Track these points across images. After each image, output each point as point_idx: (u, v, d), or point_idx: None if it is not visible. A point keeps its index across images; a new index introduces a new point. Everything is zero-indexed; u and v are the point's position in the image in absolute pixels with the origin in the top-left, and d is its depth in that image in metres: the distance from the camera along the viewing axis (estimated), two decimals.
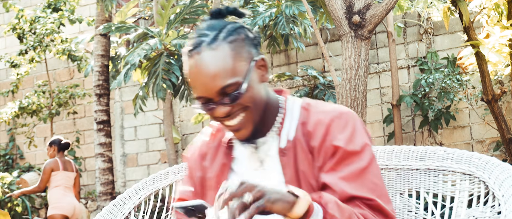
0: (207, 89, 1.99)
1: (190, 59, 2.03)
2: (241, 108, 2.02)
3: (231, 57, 1.99)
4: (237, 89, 1.98)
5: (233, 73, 1.98)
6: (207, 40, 2.01)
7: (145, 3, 13.40)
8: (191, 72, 2.02)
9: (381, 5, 5.63)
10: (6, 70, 14.22)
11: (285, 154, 2.10)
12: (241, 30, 2.06)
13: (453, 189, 2.26)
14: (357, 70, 5.66)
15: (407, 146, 2.39)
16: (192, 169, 2.32)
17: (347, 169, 2.01)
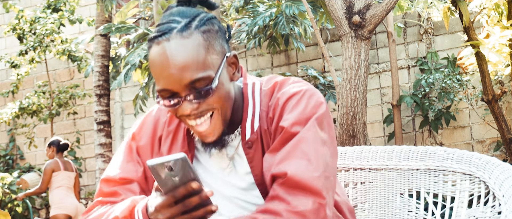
0: (174, 81, 1.77)
1: (156, 46, 1.79)
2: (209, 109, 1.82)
3: (204, 48, 1.79)
4: (207, 84, 1.78)
5: (205, 67, 1.77)
6: (179, 27, 1.79)
7: (145, 3, 13.40)
8: (156, 61, 1.78)
9: (381, 5, 5.63)
10: (6, 70, 14.22)
11: (251, 146, 1.91)
12: (215, 20, 1.87)
13: (454, 189, 2.26)
14: (357, 71, 5.67)
15: (407, 146, 2.39)
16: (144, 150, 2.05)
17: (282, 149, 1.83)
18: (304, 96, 1.89)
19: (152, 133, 2.06)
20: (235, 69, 1.91)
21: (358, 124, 5.76)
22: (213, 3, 1.96)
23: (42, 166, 13.43)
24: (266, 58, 11.32)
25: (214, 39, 1.83)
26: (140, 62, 8.17)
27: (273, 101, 1.92)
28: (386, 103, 10.36)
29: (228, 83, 1.86)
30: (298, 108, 1.87)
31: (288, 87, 1.93)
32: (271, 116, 1.91)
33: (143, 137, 2.07)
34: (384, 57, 10.46)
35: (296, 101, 1.88)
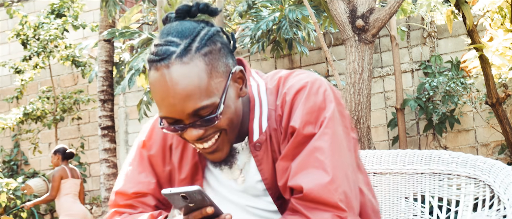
0: (176, 111, 1.67)
1: (155, 72, 1.67)
2: (216, 131, 1.73)
3: (207, 73, 1.67)
4: (212, 111, 1.68)
5: (209, 94, 1.67)
6: (178, 52, 1.66)
7: (149, 8, 13.42)
8: (156, 88, 1.68)
9: (385, 9, 5.64)
10: (10, 76, 14.24)
11: (259, 148, 1.82)
12: (217, 37, 1.74)
13: (458, 193, 2.26)
14: (361, 74, 5.67)
15: (411, 150, 2.38)
16: (156, 159, 1.97)
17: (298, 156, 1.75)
18: (312, 90, 1.78)
19: (162, 140, 1.97)
20: (242, 84, 1.79)
21: (362, 128, 5.76)
22: (215, 9, 1.79)
23: (47, 172, 13.46)
24: (269, 62, 11.32)
25: (216, 60, 1.71)
26: (144, 67, 8.18)
27: (280, 98, 1.81)
28: (390, 107, 10.35)
29: (234, 102, 1.76)
30: (307, 104, 1.76)
31: (293, 80, 1.82)
32: (280, 113, 1.81)
33: (154, 145, 1.98)
34: (387, 61, 10.46)
35: (304, 97, 1.77)
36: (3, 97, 14.15)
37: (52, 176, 8.86)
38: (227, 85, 1.71)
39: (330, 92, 1.80)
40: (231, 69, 1.75)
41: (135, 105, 12.48)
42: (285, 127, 1.79)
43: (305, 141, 1.74)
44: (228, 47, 1.78)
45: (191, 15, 1.77)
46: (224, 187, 1.93)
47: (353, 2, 5.74)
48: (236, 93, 1.77)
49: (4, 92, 14.42)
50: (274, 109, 1.82)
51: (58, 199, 8.94)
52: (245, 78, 1.80)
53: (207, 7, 1.76)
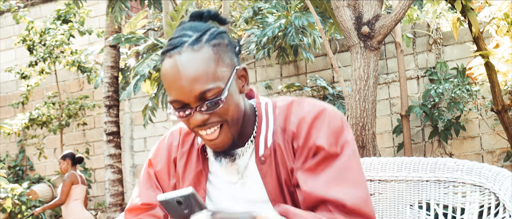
0: (185, 93, 1.83)
1: (168, 59, 1.86)
2: (219, 120, 1.89)
3: (214, 61, 1.85)
4: (217, 95, 1.84)
5: (215, 78, 1.84)
6: (190, 41, 1.86)
7: (154, 14, 13.44)
8: (168, 73, 1.85)
9: (390, 16, 5.63)
10: (16, 81, 14.28)
11: (264, 162, 1.98)
12: (225, 35, 1.94)
13: (464, 200, 2.26)
14: (366, 81, 5.66)
15: (417, 157, 2.38)
16: (161, 174, 2.15)
17: (324, 171, 1.92)
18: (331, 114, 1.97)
19: (167, 157, 2.15)
20: (244, 81, 1.97)
21: (367, 135, 5.75)
22: (224, 18, 2.00)
23: (52, 177, 13.48)
24: (275, 68, 11.33)
25: (223, 52, 1.89)
26: (150, 73, 8.19)
27: (295, 119, 1.97)
28: (395, 113, 10.34)
29: (237, 95, 1.92)
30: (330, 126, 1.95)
31: (309, 105, 1.99)
32: (293, 131, 1.96)
33: (159, 162, 2.16)
34: (393, 68, 10.46)
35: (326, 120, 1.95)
36: (8, 103, 14.19)
37: (63, 181, 8.86)
38: (231, 76, 1.89)
39: (344, 118, 2.00)
40: (235, 65, 1.93)
41: (140, 111, 12.50)
42: (304, 143, 1.95)
43: (329, 158, 1.92)
44: (234, 48, 1.97)
45: (203, 19, 1.97)
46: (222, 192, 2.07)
47: (359, 9, 5.74)
48: (239, 88, 1.94)
49: (10, 97, 14.45)
50: (281, 126, 1.99)
51: (66, 205, 8.94)
52: (247, 77, 1.97)
53: (217, 15, 1.98)
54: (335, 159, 1.92)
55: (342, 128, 1.97)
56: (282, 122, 2.00)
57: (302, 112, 1.98)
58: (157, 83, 8.20)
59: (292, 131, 1.97)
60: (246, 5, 12.82)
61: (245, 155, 2.02)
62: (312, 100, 2.02)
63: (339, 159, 1.92)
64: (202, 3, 13.63)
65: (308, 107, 1.98)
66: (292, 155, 1.97)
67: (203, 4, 13.55)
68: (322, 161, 1.92)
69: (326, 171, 1.91)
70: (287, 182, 1.97)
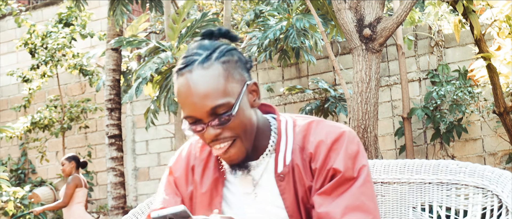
0: (197, 108, 1.92)
1: (181, 77, 1.95)
2: (231, 135, 1.96)
3: (224, 77, 1.93)
4: (228, 110, 1.92)
5: (225, 94, 1.92)
6: (200, 59, 1.94)
7: (156, 17, 13.45)
8: (181, 91, 1.95)
9: (392, 18, 5.63)
10: (18, 85, 14.29)
11: (283, 179, 2.05)
12: (235, 52, 2.01)
13: (466, 202, 2.26)
14: (368, 84, 5.66)
15: (419, 160, 2.38)
16: (180, 181, 2.23)
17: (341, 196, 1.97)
18: (350, 138, 2.03)
19: (186, 164, 2.23)
20: (255, 96, 2.03)
21: (369, 137, 5.75)
22: (235, 36, 2.06)
23: (54, 180, 13.49)
24: (277, 71, 11.33)
25: (233, 68, 1.97)
26: (151, 76, 8.19)
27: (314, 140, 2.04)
28: (397, 116, 10.34)
29: (249, 110, 2.00)
30: (348, 151, 2.01)
31: (329, 127, 2.06)
32: (311, 152, 2.03)
33: (178, 169, 2.24)
34: (395, 70, 10.46)
35: (345, 144, 2.02)
36: (10, 106, 14.20)
37: (67, 183, 8.84)
38: (242, 92, 1.96)
39: (360, 142, 2.07)
40: (246, 80, 2.00)
41: (142, 114, 12.50)
42: (322, 165, 2.02)
43: (346, 182, 1.99)
44: (245, 64, 2.04)
45: (214, 37, 2.04)
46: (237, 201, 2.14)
47: (361, 11, 5.74)
48: (250, 103, 2.01)
49: (12, 101, 14.46)
50: (300, 145, 2.07)
51: (69, 207, 8.93)
52: (258, 91, 2.04)
53: (228, 32, 2.05)
54: (351, 183, 1.98)
55: (359, 151, 2.03)
56: (300, 141, 2.07)
57: (321, 134, 2.04)
58: (159, 86, 8.20)
59: (310, 152, 2.04)
60: (247, 8, 12.82)
61: (259, 167, 2.09)
62: (331, 123, 2.09)
63: (355, 184, 1.98)
64: (204, 5, 13.64)
65: (327, 130, 2.05)
66: (309, 174, 2.04)
67: (205, 7, 13.56)
68: (339, 185, 1.98)
69: (342, 197, 1.97)
70: (304, 199, 2.04)
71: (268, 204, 2.07)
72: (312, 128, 2.08)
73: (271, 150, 2.09)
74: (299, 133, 2.08)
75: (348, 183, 1.98)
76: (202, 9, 13.71)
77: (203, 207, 2.14)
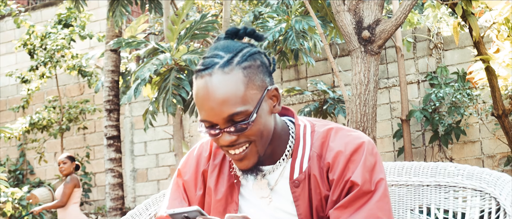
0: (214, 114, 1.87)
1: (200, 79, 1.89)
2: (247, 140, 1.92)
3: (244, 84, 1.87)
4: (246, 118, 1.87)
5: (244, 101, 1.86)
6: (221, 63, 1.88)
7: (155, 18, 13.45)
8: (199, 94, 1.89)
9: (391, 20, 5.63)
10: (17, 85, 14.28)
11: (297, 185, 2.01)
12: (258, 56, 1.95)
13: (464, 205, 2.26)
14: (367, 86, 5.66)
15: (417, 162, 2.38)
16: (189, 184, 2.18)
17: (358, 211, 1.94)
18: (368, 150, 1.98)
19: (195, 167, 2.18)
20: (276, 101, 1.97)
21: None
22: (261, 35, 2.01)
23: (52, 181, 13.48)
24: (275, 73, 11.33)
25: (254, 74, 1.90)
26: (150, 77, 8.18)
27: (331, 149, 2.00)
28: (396, 118, 10.34)
29: (267, 116, 1.94)
30: (366, 163, 1.96)
31: (348, 137, 2.01)
32: (329, 162, 1.98)
33: (187, 172, 2.19)
34: (393, 72, 10.46)
35: (363, 156, 1.96)
36: (9, 107, 14.19)
37: (65, 183, 8.81)
38: (261, 99, 1.90)
39: (378, 152, 2.02)
40: (267, 86, 1.94)
41: (141, 115, 12.50)
42: (340, 177, 1.97)
43: (363, 196, 1.94)
44: (267, 68, 1.97)
45: (238, 37, 2.00)
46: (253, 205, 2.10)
47: (359, 13, 5.74)
48: (270, 109, 1.96)
49: (11, 101, 14.45)
50: (318, 153, 2.02)
51: (66, 207, 8.91)
52: (279, 97, 1.98)
53: (253, 31, 2.00)
54: (369, 197, 1.94)
55: (377, 164, 1.98)
56: (318, 149, 2.02)
57: (340, 144, 1.99)
58: (157, 87, 8.19)
59: (328, 162, 1.99)
60: (246, 10, 12.83)
61: (275, 172, 2.05)
62: (349, 131, 2.04)
63: (373, 198, 1.94)
64: (203, 7, 13.64)
65: (346, 139, 2.00)
66: (326, 183, 2.00)
67: (204, 8, 13.56)
68: (356, 198, 1.94)
69: (360, 212, 1.93)
70: (318, 208, 2.00)
71: (281, 211, 2.04)
72: (331, 135, 2.03)
73: (288, 155, 2.04)
74: (317, 140, 2.03)
75: (366, 196, 1.94)
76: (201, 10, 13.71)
77: (218, 213, 2.09)
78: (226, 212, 2.08)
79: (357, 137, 2.00)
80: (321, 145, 2.02)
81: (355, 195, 1.93)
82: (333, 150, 1.99)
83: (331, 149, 2.00)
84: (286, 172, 2.04)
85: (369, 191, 1.94)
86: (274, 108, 1.97)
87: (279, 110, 1.99)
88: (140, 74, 7.69)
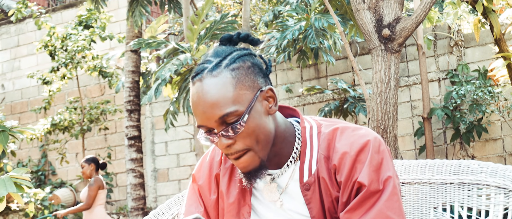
0: (206, 118, 1.88)
1: (192, 86, 1.92)
2: (244, 147, 1.91)
3: (232, 85, 1.87)
4: (238, 119, 1.87)
5: (234, 102, 1.86)
6: (209, 67, 1.90)
7: (175, 19, 13.49)
8: (192, 100, 1.92)
9: (411, 18, 5.62)
10: (38, 87, 14.38)
11: (308, 188, 2.01)
12: (248, 57, 1.96)
13: (488, 203, 2.24)
14: (387, 84, 5.65)
15: (440, 160, 2.37)
16: (203, 189, 2.20)
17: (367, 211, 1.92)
18: (375, 148, 1.96)
19: (209, 171, 2.20)
20: (272, 102, 1.97)
21: (389, 138, 5.74)
22: (256, 39, 2.02)
23: (74, 182, 13.55)
24: (295, 72, 11.32)
25: (244, 75, 1.91)
26: (171, 77, 8.21)
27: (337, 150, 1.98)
28: (417, 116, 10.31)
29: (263, 117, 1.93)
30: (372, 162, 1.94)
31: (354, 136, 1.99)
32: (335, 164, 1.97)
33: (202, 177, 2.22)
34: (414, 70, 10.42)
35: (369, 155, 1.94)
36: (31, 108, 14.28)
37: (89, 185, 8.84)
38: (253, 99, 1.90)
39: (385, 149, 1.99)
40: (260, 87, 1.93)
41: (161, 115, 12.54)
42: (347, 178, 1.95)
43: (371, 196, 1.92)
44: (260, 69, 1.98)
45: (233, 42, 2.02)
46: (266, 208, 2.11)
47: (379, 11, 5.73)
48: (265, 110, 1.95)
49: (32, 103, 14.55)
50: (325, 155, 2.01)
51: (91, 210, 8.94)
52: (275, 97, 1.97)
53: (247, 36, 2.02)
54: (377, 197, 1.92)
55: (383, 161, 1.96)
56: (325, 150, 2.01)
57: (346, 145, 1.97)
58: (178, 87, 8.22)
59: (334, 164, 1.97)
60: (266, 9, 12.83)
61: (284, 175, 2.05)
62: (355, 130, 2.02)
63: (381, 198, 1.92)
64: (222, 6, 13.66)
65: (352, 139, 1.98)
66: (335, 185, 1.98)
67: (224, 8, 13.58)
68: (364, 199, 1.92)
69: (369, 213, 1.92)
70: (331, 209, 2.00)
71: (294, 213, 2.04)
72: (336, 136, 2.01)
73: (296, 157, 2.04)
74: (324, 141, 2.02)
75: (374, 196, 1.92)
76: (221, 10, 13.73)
77: (232, 217, 2.10)
78: (239, 215, 2.09)
79: (362, 136, 1.98)
80: (327, 146, 2.01)
81: (363, 196, 1.92)
82: (339, 151, 1.97)
83: (337, 150, 1.98)
84: (296, 174, 2.04)
85: (377, 190, 1.92)
86: (271, 109, 1.96)
87: (275, 110, 1.97)
88: (161, 75, 7.72)
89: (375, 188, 1.92)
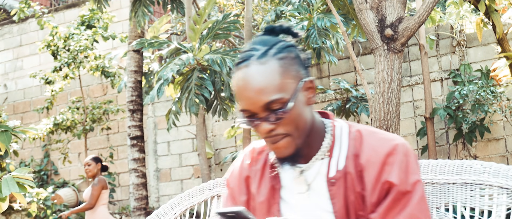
0: (252, 103, 1.95)
1: (238, 72, 2.00)
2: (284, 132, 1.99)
3: (279, 73, 1.96)
4: (282, 106, 1.95)
5: (280, 90, 1.95)
6: (257, 55, 1.98)
7: (177, 18, 13.49)
8: (237, 85, 1.99)
9: (414, 18, 5.61)
10: (41, 87, 14.38)
11: (334, 184, 2.07)
12: (293, 48, 2.04)
13: (491, 203, 2.24)
14: (390, 84, 5.64)
15: (443, 160, 2.37)
16: (235, 192, 2.30)
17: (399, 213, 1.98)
18: (404, 151, 2.03)
19: (239, 174, 2.30)
20: (312, 93, 2.06)
21: None
22: (296, 33, 2.10)
23: (76, 181, 13.56)
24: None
25: (289, 65, 1.99)
26: (173, 77, 8.21)
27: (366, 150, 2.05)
28: (419, 116, 10.30)
29: (303, 107, 2.02)
30: (401, 165, 2.01)
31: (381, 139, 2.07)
32: (364, 164, 2.03)
33: (233, 181, 2.33)
34: (416, 70, 10.41)
35: (397, 158, 2.01)
36: (33, 108, 14.29)
37: (92, 185, 8.83)
38: (297, 88, 1.98)
39: (413, 154, 2.05)
40: (302, 77, 2.03)
41: (164, 115, 12.54)
42: (376, 179, 2.02)
43: (401, 197, 1.98)
44: (302, 61, 2.06)
45: (275, 33, 2.09)
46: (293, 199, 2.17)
47: (382, 11, 5.73)
48: (306, 100, 2.04)
49: (35, 102, 14.56)
50: (353, 153, 2.08)
51: (94, 209, 8.94)
52: (314, 88, 2.07)
53: (289, 28, 2.09)
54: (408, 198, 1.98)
55: (412, 165, 2.02)
56: (354, 149, 2.08)
57: (375, 147, 2.05)
58: (180, 87, 8.21)
59: (362, 163, 2.04)
60: (268, 9, 12.83)
61: (312, 169, 2.11)
62: (384, 134, 2.09)
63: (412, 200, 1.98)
64: (225, 6, 13.66)
65: (381, 142, 2.05)
66: (362, 182, 2.04)
67: (226, 8, 13.58)
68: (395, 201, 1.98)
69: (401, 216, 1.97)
70: (355, 205, 2.05)
71: (318, 208, 2.10)
72: (365, 137, 2.09)
73: (325, 152, 2.10)
74: (353, 140, 2.10)
75: (404, 198, 1.98)
76: (223, 10, 13.73)
77: (262, 215, 2.17)
78: (270, 212, 2.17)
79: (391, 139, 2.05)
80: (357, 145, 2.08)
81: (394, 197, 1.98)
82: (368, 151, 2.05)
83: (366, 150, 2.05)
84: (323, 170, 2.09)
85: (406, 191, 1.98)
86: (310, 99, 2.05)
87: (315, 101, 2.06)
88: (163, 75, 7.71)
89: (404, 188, 1.98)
